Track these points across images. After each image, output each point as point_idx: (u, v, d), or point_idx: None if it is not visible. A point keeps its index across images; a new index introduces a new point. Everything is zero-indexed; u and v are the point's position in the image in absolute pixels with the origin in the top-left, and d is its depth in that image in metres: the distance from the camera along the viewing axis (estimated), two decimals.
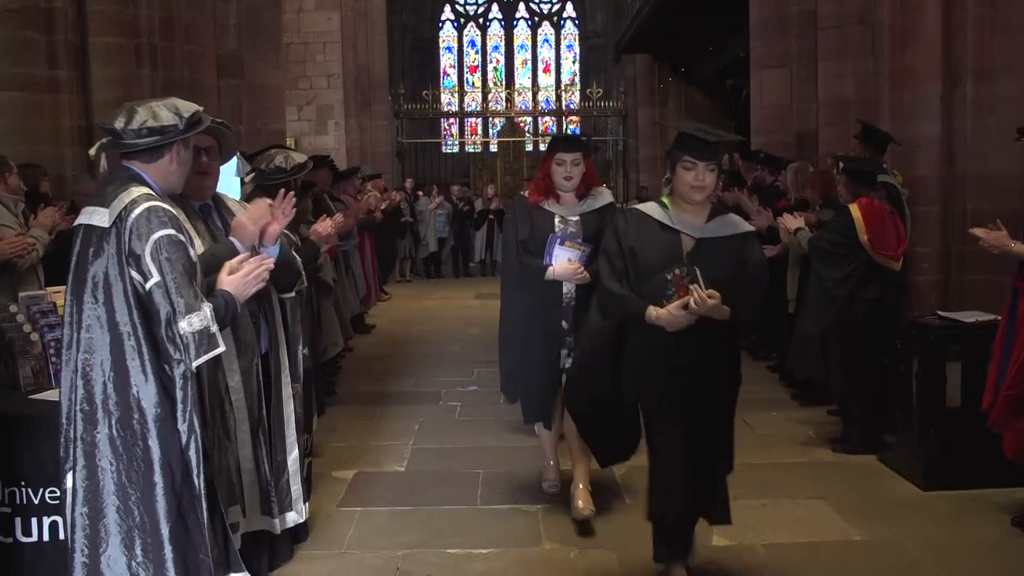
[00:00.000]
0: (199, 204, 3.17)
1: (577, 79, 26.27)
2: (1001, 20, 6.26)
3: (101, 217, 2.58)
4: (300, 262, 3.66)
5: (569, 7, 27.41)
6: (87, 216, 2.62)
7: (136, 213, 2.54)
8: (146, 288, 2.53)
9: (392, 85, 18.20)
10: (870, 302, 4.77)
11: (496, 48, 27.42)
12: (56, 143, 7.05)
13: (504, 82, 25.64)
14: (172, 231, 2.57)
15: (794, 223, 5.10)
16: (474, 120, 25.47)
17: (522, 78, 26.61)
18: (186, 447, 2.57)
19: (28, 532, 3.05)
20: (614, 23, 22.76)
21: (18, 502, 3.04)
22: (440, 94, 23.16)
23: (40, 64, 6.99)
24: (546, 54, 27.47)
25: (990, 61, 6.30)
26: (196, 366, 2.58)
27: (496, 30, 27.46)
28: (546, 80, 26.53)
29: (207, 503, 2.63)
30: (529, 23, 27.51)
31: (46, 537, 3.03)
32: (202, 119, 2.75)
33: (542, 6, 27.51)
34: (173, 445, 2.56)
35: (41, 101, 7.00)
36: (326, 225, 4.71)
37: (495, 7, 27.41)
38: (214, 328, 2.58)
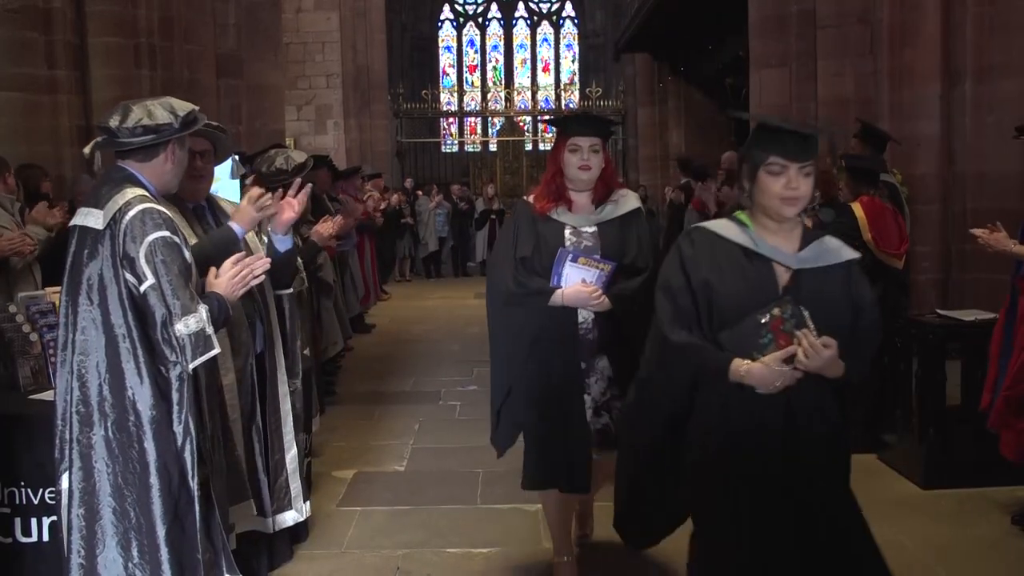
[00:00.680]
0: (192, 205, 3.17)
1: (576, 78, 26.22)
2: (1001, 19, 6.26)
3: (96, 219, 2.58)
4: (299, 261, 3.67)
5: (568, 6, 27.37)
6: (82, 217, 2.62)
7: (130, 215, 2.54)
8: (141, 290, 2.53)
9: (391, 85, 18.18)
10: None
11: (495, 47, 27.38)
12: (55, 143, 7.05)
13: (503, 81, 25.61)
14: (167, 233, 2.57)
15: None
16: (473, 120, 25.43)
17: (521, 77, 26.57)
18: (181, 449, 2.57)
19: (28, 532, 3.05)
20: (613, 22, 22.75)
21: (17, 502, 3.04)
22: (439, 93, 23.16)
23: (39, 64, 6.99)
24: (545, 53, 27.43)
25: (989, 60, 6.30)
26: (193, 368, 2.58)
27: (495, 29, 27.43)
28: (545, 79, 26.48)
29: (203, 505, 2.62)
30: (528, 22, 27.47)
31: (46, 537, 3.03)
32: (197, 118, 2.74)
33: (541, 5, 27.47)
34: (169, 447, 2.56)
35: (40, 101, 7.00)
36: (327, 226, 4.71)
37: (494, 6, 27.37)
38: (210, 330, 2.58)
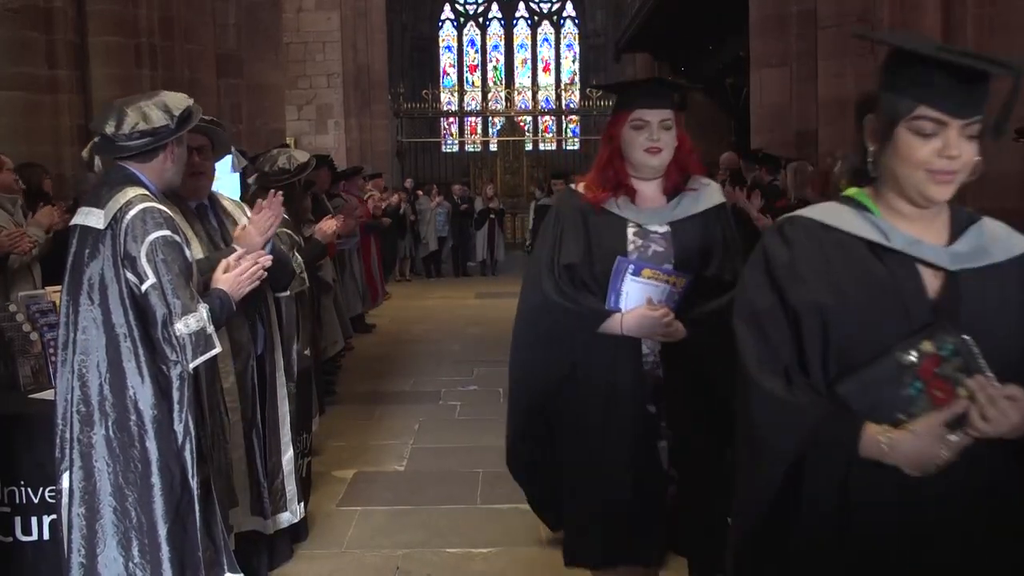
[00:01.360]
0: (195, 204, 3.16)
1: (577, 78, 26.24)
2: (1001, 19, 6.25)
3: (96, 218, 2.57)
4: (300, 261, 3.65)
5: (569, 6, 27.39)
6: (82, 217, 2.62)
7: (131, 215, 2.54)
8: (142, 290, 2.53)
9: (392, 84, 18.19)
10: None
11: (496, 47, 27.40)
12: (56, 143, 7.05)
13: (504, 81, 25.63)
14: (168, 232, 2.56)
15: None
16: (474, 119, 25.46)
17: (522, 77, 26.60)
18: (182, 448, 2.57)
19: (28, 531, 3.04)
20: (614, 22, 22.75)
21: (18, 501, 3.03)
22: (440, 93, 23.19)
23: (40, 64, 7.00)
24: (546, 53, 27.45)
25: None
26: (193, 367, 2.58)
27: (496, 29, 27.45)
28: (546, 79, 26.51)
29: (203, 504, 2.62)
30: (529, 22, 27.49)
31: (46, 536, 3.03)
32: (193, 114, 2.72)
33: (542, 5, 27.50)
34: (170, 446, 2.56)
35: (41, 101, 7.00)
36: (331, 224, 4.72)
37: (495, 6, 27.39)
38: (210, 329, 2.58)
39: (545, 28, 27.53)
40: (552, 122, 25.67)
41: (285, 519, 3.42)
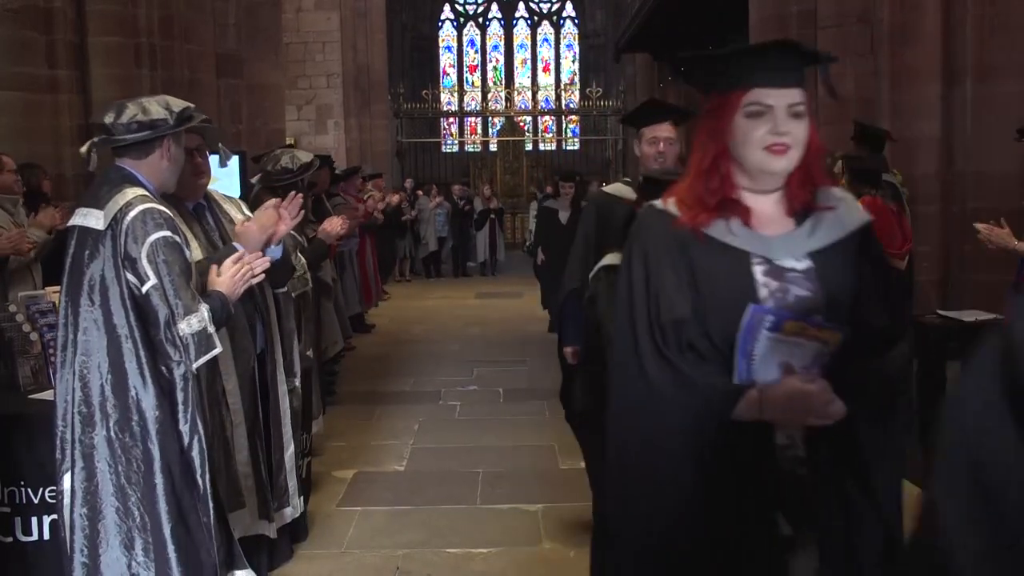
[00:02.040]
0: (192, 205, 3.17)
1: (577, 78, 26.22)
2: (1001, 19, 6.25)
3: (96, 219, 2.58)
4: (303, 262, 3.66)
5: (568, 6, 27.38)
6: (81, 218, 2.62)
7: (131, 216, 2.54)
8: (143, 291, 2.53)
9: (391, 84, 18.19)
10: None
11: (496, 47, 27.39)
12: (56, 143, 7.04)
13: (503, 81, 25.61)
14: (168, 233, 2.57)
15: None
16: (474, 119, 25.44)
17: (521, 77, 26.58)
18: (188, 447, 2.57)
19: (28, 531, 3.05)
20: (613, 22, 22.75)
21: (18, 502, 3.04)
22: (439, 93, 23.16)
23: (39, 64, 6.99)
24: (545, 53, 27.43)
25: (990, 60, 6.30)
26: (196, 367, 2.58)
27: (496, 29, 27.44)
28: (545, 79, 26.49)
29: (211, 502, 2.62)
30: (528, 22, 27.48)
31: (46, 536, 3.03)
32: (193, 115, 2.74)
33: (541, 5, 27.48)
34: (172, 447, 2.56)
35: (40, 101, 6.99)
36: (335, 224, 4.71)
37: (494, 6, 27.38)
38: (211, 329, 2.58)
39: (545, 28, 27.51)
40: (552, 122, 25.66)
41: (287, 514, 3.43)
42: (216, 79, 8.59)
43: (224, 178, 5.46)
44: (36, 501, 3.03)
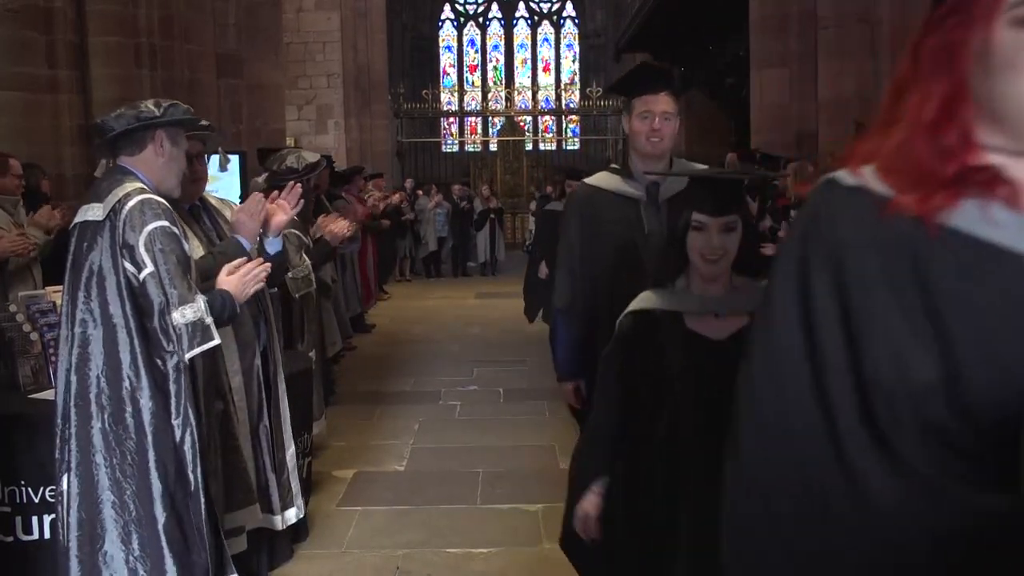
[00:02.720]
0: (188, 206, 3.18)
1: (577, 78, 26.24)
2: None
3: (96, 212, 2.60)
4: (308, 263, 3.66)
5: (569, 6, 27.39)
6: (83, 214, 2.65)
7: (130, 205, 2.56)
8: (140, 279, 2.54)
9: (392, 84, 18.19)
10: None
11: (496, 47, 27.40)
12: (56, 143, 7.04)
13: (504, 81, 25.63)
14: (166, 223, 2.58)
15: None
16: (474, 119, 25.45)
17: (522, 77, 26.60)
18: (180, 442, 2.56)
19: (29, 531, 3.05)
20: (614, 22, 22.76)
21: (18, 501, 3.04)
22: (440, 93, 23.19)
23: (39, 64, 6.99)
24: (546, 53, 27.45)
25: None
26: (189, 358, 2.58)
27: (496, 29, 27.44)
28: (546, 79, 26.51)
29: (203, 499, 2.62)
30: (529, 22, 27.49)
31: (47, 535, 3.03)
32: (186, 114, 2.76)
33: (542, 5, 27.49)
34: (166, 440, 2.56)
35: (40, 101, 6.99)
36: (341, 225, 4.72)
37: (495, 6, 27.39)
38: (208, 320, 2.58)
39: (545, 28, 27.52)
40: (552, 122, 25.67)
41: (292, 515, 3.42)
42: (216, 79, 8.60)
43: (224, 178, 5.46)
44: (36, 500, 3.03)
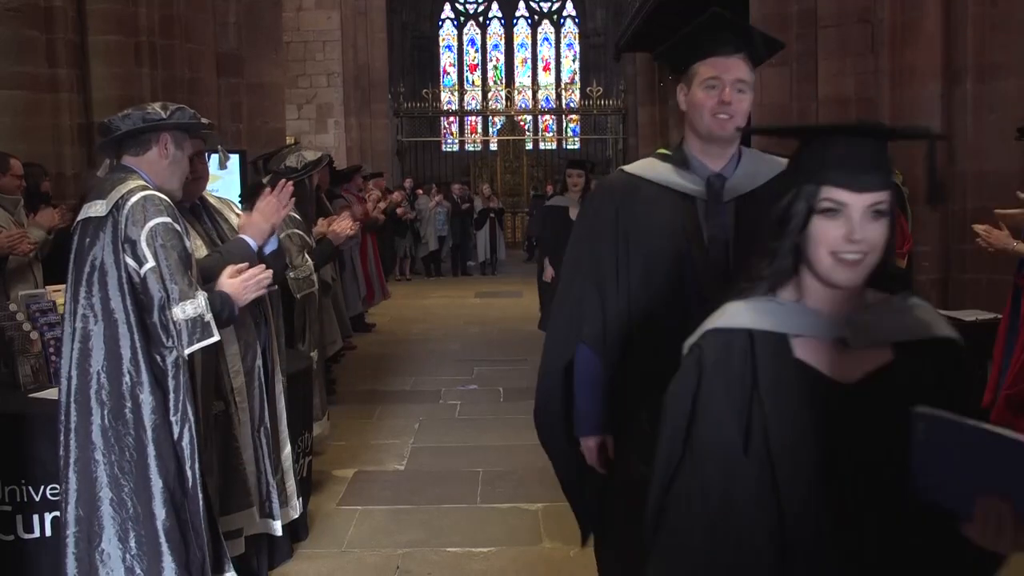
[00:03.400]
0: (189, 205, 3.18)
1: (577, 78, 26.23)
2: (1001, 18, 6.26)
3: (99, 208, 2.61)
4: (311, 263, 3.66)
5: (569, 6, 27.36)
6: (86, 211, 2.66)
7: (133, 201, 2.57)
8: (141, 273, 2.54)
9: (392, 83, 18.17)
10: None
11: (496, 47, 27.37)
12: (56, 142, 7.04)
13: (504, 81, 25.61)
14: (168, 219, 2.59)
15: None
16: (474, 119, 25.43)
17: (522, 76, 26.57)
18: (179, 439, 2.57)
19: (30, 529, 3.05)
20: (614, 21, 22.74)
21: (19, 500, 3.04)
22: (440, 92, 23.15)
23: (40, 62, 6.98)
24: (546, 52, 27.42)
25: (990, 59, 6.30)
26: (188, 353, 2.58)
27: (496, 28, 27.42)
28: (546, 79, 26.49)
29: (202, 497, 2.62)
30: (529, 21, 27.46)
31: (48, 533, 3.03)
32: (191, 118, 2.77)
33: (542, 5, 27.46)
34: (166, 436, 2.56)
35: (41, 99, 6.99)
36: (344, 226, 4.72)
37: (495, 6, 27.36)
38: (208, 317, 2.58)
39: (545, 27, 27.50)
40: (552, 121, 25.65)
41: (288, 515, 3.42)
42: (216, 78, 8.59)
43: (224, 178, 5.46)
44: (37, 499, 3.04)
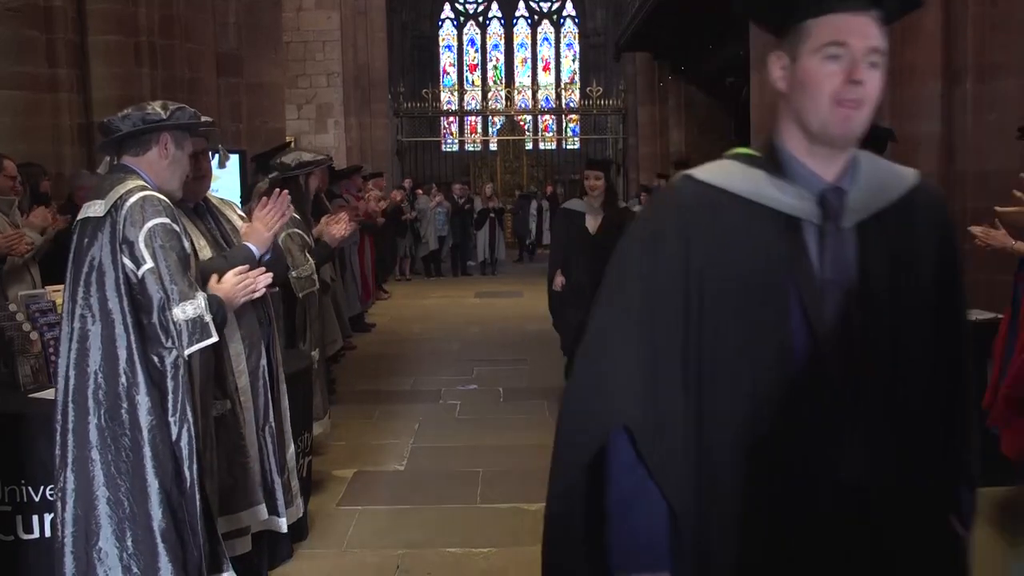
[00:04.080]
0: (192, 205, 3.19)
1: (577, 77, 26.23)
2: (1001, 17, 6.25)
3: (97, 208, 2.61)
4: (311, 263, 3.66)
5: (569, 5, 27.36)
6: (85, 211, 2.66)
7: (131, 201, 2.57)
8: (139, 275, 2.54)
9: (392, 83, 18.18)
10: None
11: (496, 46, 27.38)
12: (56, 142, 7.04)
13: (504, 80, 25.62)
14: (166, 220, 2.58)
15: None
16: (474, 119, 25.44)
17: (522, 76, 26.58)
18: (177, 439, 2.56)
19: (29, 529, 3.05)
20: (614, 21, 22.72)
21: (18, 500, 3.04)
22: (440, 92, 23.17)
23: (40, 62, 6.98)
24: (546, 52, 27.42)
25: (990, 58, 6.30)
26: (188, 354, 2.58)
27: (496, 28, 27.43)
28: (546, 78, 26.50)
29: (199, 499, 2.62)
30: (529, 21, 27.47)
31: (47, 533, 3.03)
32: (192, 117, 2.77)
33: (542, 4, 27.47)
34: (163, 437, 2.55)
35: (41, 99, 6.99)
36: (340, 227, 4.73)
37: (495, 5, 27.37)
38: (208, 318, 2.58)
39: (545, 27, 27.50)
40: (552, 121, 25.66)
41: (292, 514, 3.42)
42: (216, 78, 8.60)
43: (224, 178, 5.46)
44: (37, 499, 3.03)
